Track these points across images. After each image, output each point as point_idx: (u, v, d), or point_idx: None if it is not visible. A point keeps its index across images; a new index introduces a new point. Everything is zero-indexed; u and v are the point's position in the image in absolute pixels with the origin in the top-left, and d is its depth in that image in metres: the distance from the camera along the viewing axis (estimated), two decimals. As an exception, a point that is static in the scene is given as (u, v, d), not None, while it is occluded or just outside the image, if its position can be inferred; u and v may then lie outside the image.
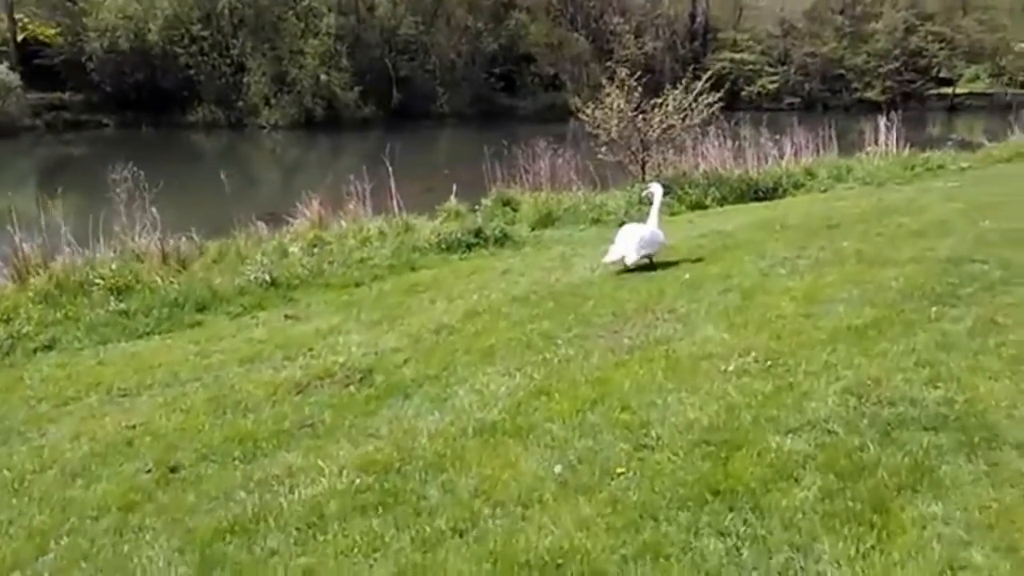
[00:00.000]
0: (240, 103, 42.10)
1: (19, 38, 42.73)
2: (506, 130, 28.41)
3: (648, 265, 7.89)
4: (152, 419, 4.39)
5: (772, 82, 55.01)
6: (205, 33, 42.57)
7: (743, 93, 54.47)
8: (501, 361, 5.14)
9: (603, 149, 13.37)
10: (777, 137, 16.86)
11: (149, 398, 4.75)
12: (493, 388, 4.62)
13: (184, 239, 9.57)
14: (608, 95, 13.38)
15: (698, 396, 4.33)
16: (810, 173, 15.01)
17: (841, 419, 3.89)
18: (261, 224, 10.40)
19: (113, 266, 7.32)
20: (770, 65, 56.28)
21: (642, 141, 13.24)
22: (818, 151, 16.75)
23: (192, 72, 42.20)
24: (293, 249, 9.25)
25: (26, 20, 43.32)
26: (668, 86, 14.18)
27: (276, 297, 7.35)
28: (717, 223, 10.84)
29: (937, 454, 3.44)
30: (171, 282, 7.20)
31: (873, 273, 6.92)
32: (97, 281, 7.06)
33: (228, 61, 42.56)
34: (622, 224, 10.59)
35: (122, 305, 6.70)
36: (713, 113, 14.42)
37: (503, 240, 9.84)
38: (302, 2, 44.03)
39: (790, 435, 3.76)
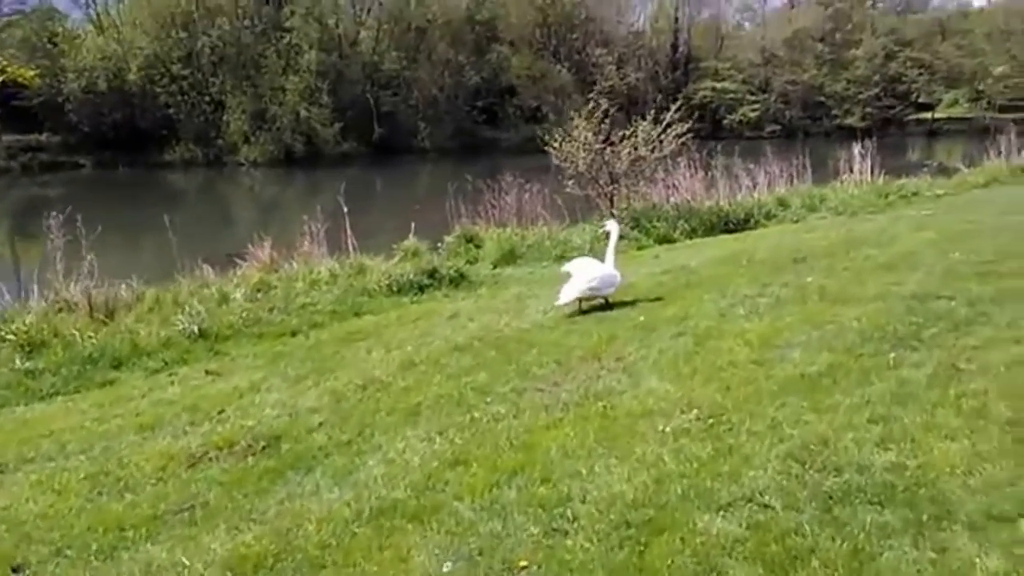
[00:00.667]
0: (219, 141, 41.92)
1: (-2, 80, 42.46)
2: (487, 163, 28.18)
3: (603, 305, 7.50)
4: (17, 502, 3.93)
5: (753, 110, 55.30)
6: (185, 72, 42.47)
7: (725, 122, 54.78)
8: (425, 422, 4.71)
9: (571, 183, 13.03)
10: (751, 166, 16.62)
11: (24, 475, 4.28)
12: (407, 456, 4.18)
13: (123, 286, 9.12)
14: (576, 127, 13.07)
15: (628, 464, 3.91)
16: (783, 203, 14.72)
17: (780, 491, 3.48)
18: (208, 268, 9.95)
19: (28, 319, 6.85)
20: (751, 93, 56.62)
21: (610, 174, 12.92)
22: (792, 180, 16.49)
23: (171, 111, 42.05)
24: (236, 295, 8.81)
25: (4, 63, 43.07)
26: (638, 118, 13.90)
27: (202, 350, 6.90)
28: (683, 258, 10.48)
29: (880, 536, 3.02)
30: (90, 336, 6.74)
31: (834, 312, 6.54)
32: (8, 337, 6.59)
33: (207, 99, 42.43)
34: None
35: (28, 364, 6.24)
36: (684, 143, 14.17)
37: (459, 280, 9.44)
38: (283, 40, 44.02)
39: (721, 513, 3.34)
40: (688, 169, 14.51)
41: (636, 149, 12.71)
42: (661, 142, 12.91)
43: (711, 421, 4.36)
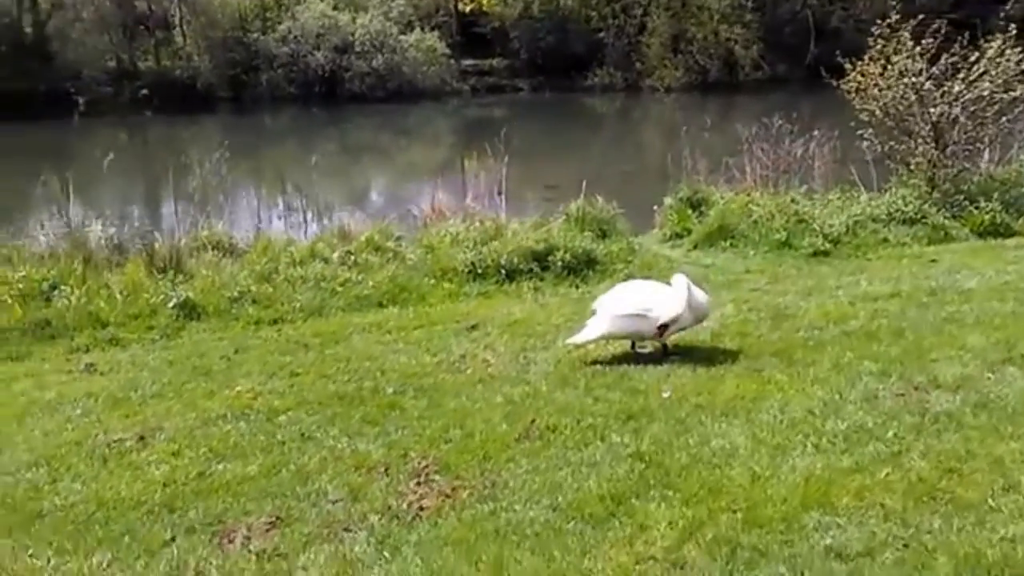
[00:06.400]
0: (638, 64, 40.93)
1: (466, 8, 46.95)
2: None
3: (661, 352, 4.61)
4: None
5: None
6: (618, -7, 42.14)
7: None
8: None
9: (868, 134, 8.95)
10: None
11: None
12: None
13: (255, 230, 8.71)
14: (896, 44, 8.87)
15: None
16: None
17: None
18: (359, 216, 8.97)
19: (45, 267, 6.48)
20: None
21: (935, 124, 8.47)
22: None
23: (601, 35, 42.17)
24: (333, 256, 7.59)
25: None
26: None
27: (161, 327, 5.82)
28: (973, 270, 6.30)
29: None
30: (74, 295, 6.11)
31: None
32: (18, 285, 6.31)
33: (634, 20, 41.63)
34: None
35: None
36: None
37: (580, 268, 6.93)
38: (721, -48, 40.76)
39: None
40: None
41: (973, 85, 8.06)
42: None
43: None
